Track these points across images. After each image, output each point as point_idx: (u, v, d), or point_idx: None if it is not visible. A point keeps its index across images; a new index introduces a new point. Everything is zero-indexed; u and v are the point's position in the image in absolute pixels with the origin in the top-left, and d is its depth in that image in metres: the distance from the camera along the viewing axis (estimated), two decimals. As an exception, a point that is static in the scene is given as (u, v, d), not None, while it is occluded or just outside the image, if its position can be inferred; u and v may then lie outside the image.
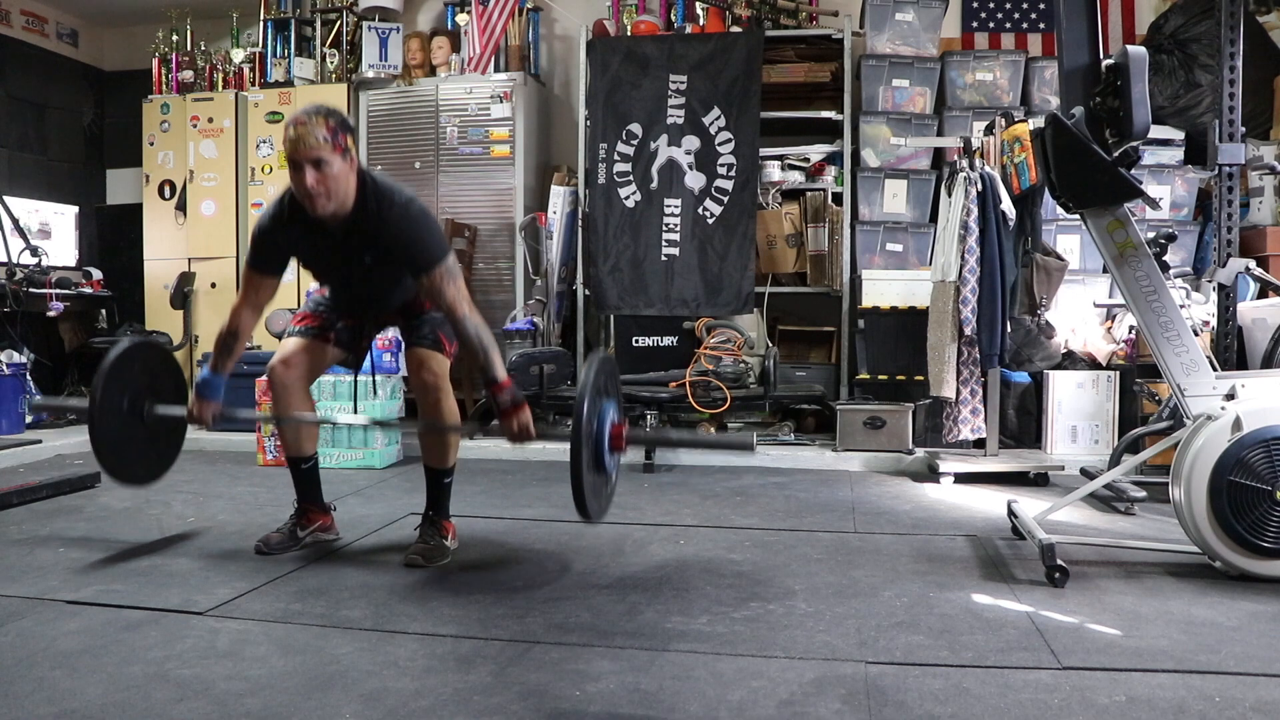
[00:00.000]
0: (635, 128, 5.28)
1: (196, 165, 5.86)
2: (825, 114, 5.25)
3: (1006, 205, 3.90)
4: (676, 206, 5.25)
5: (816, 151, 5.33)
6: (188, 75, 6.04)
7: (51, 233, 5.70)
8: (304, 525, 2.89)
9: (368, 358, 2.97)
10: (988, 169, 3.94)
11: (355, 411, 4.09)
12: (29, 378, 5.14)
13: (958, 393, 4.02)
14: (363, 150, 5.60)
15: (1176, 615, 2.25)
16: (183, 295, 5.68)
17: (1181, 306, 2.91)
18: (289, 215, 2.58)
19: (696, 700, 1.78)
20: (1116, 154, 2.47)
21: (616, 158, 5.30)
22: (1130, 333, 4.35)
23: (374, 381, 4.09)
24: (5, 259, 5.15)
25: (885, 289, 4.75)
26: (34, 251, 5.24)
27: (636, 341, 5.13)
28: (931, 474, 4.09)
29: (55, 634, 2.12)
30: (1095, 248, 2.84)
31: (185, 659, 1.97)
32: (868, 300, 4.76)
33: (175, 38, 6.14)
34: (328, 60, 5.86)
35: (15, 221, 5.23)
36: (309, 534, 2.89)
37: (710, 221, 5.21)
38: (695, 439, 4.70)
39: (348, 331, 2.86)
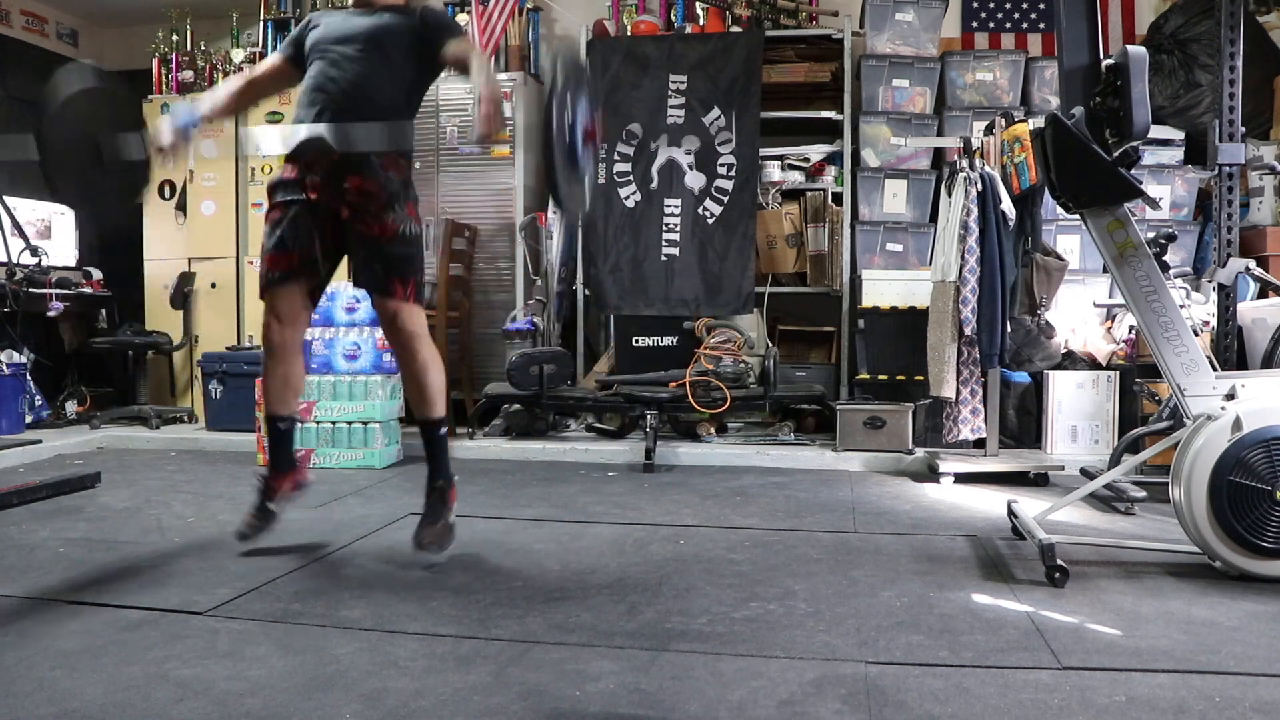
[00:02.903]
0: (635, 128, 5.28)
1: (196, 165, 5.85)
2: (825, 114, 5.25)
3: (1006, 205, 3.91)
4: (676, 206, 5.25)
5: (816, 151, 5.33)
6: (188, 75, 6.03)
7: (51, 233, 5.70)
8: (270, 496, 2.86)
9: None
10: (988, 169, 3.94)
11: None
12: (29, 378, 5.14)
13: (958, 393, 4.02)
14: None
15: (1176, 615, 2.25)
16: (183, 295, 5.67)
17: (1181, 306, 2.91)
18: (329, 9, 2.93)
19: (696, 700, 1.78)
20: (1116, 154, 2.47)
21: (616, 158, 5.30)
22: (1130, 333, 4.35)
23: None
24: (5, 259, 5.15)
25: (885, 289, 4.74)
26: (34, 251, 5.24)
27: (636, 341, 5.13)
28: (931, 474, 4.09)
29: (55, 634, 2.12)
30: (1095, 248, 2.84)
31: (185, 659, 1.98)
32: (868, 300, 4.76)
33: (175, 38, 6.14)
34: (328, 60, 5.85)
35: (15, 221, 5.23)
36: (279, 502, 2.87)
37: (710, 221, 5.21)
38: None
39: (308, 234, 2.74)
